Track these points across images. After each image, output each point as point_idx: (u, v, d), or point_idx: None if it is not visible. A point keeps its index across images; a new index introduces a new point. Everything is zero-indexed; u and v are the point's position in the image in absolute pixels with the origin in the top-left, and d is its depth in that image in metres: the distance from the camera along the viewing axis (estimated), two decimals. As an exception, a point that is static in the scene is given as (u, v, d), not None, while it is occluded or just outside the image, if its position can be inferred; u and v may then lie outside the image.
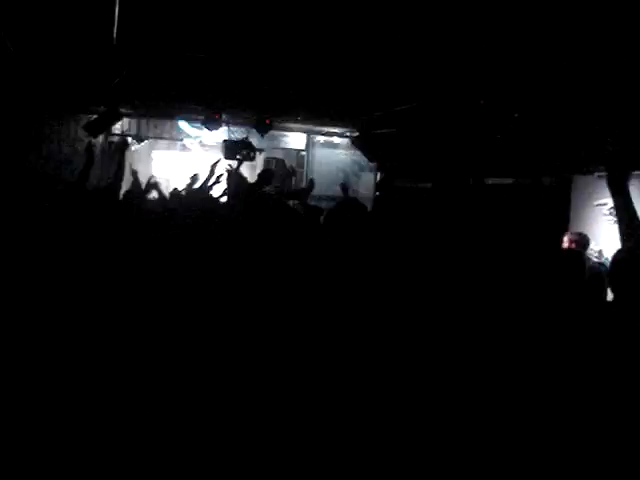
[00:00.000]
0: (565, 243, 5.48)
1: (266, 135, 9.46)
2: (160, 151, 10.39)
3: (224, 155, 8.98)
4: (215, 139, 9.77)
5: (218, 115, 8.74)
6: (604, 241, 5.98)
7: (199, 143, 10.33)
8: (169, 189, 7.20)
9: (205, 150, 10.33)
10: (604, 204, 6.38)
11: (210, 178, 5.99)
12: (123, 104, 8.53)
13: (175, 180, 8.54)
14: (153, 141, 10.18)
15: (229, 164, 6.36)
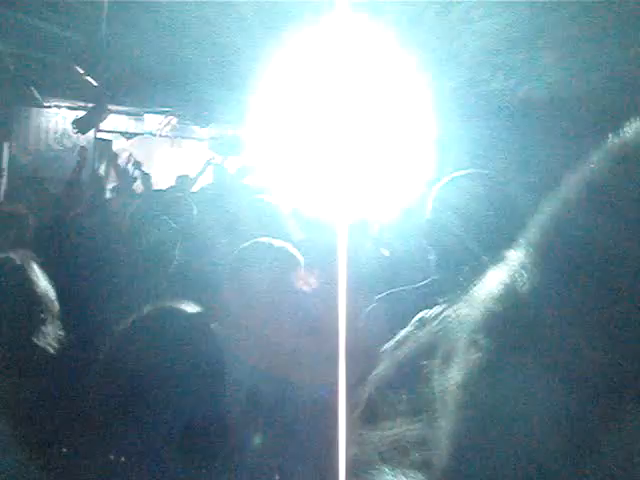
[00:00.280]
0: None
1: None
2: (148, 146, 10.27)
3: (214, 149, 8.94)
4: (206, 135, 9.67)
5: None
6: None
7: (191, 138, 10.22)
8: (156, 185, 7.16)
9: (195, 147, 10.24)
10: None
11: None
12: (111, 99, 8.42)
13: (163, 176, 8.44)
14: (142, 137, 10.08)
15: None
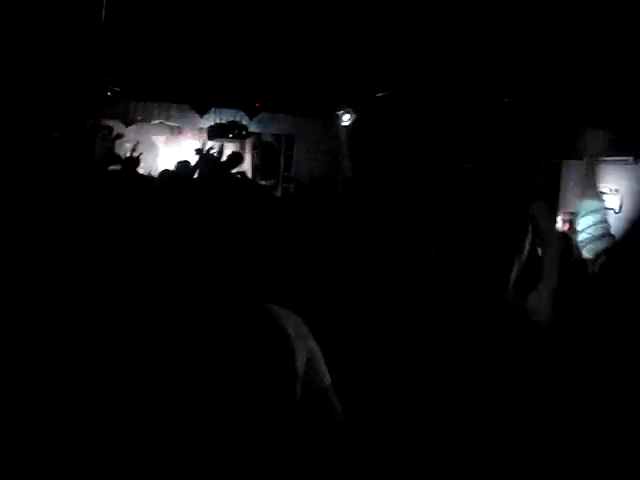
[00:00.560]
0: (559, 223, 5.57)
1: (256, 118, 9.40)
2: (149, 135, 10.26)
3: (216, 136, 8.96)
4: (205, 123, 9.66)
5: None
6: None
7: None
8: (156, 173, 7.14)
9: (195, 134, 10.23)
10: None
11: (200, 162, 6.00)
12: (111, 86, 8.42)
13: (163, 164, 8.47)
14: (141, 124, 10.04)
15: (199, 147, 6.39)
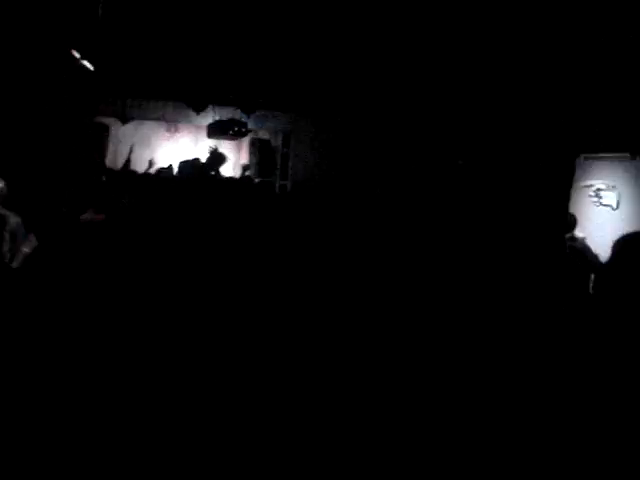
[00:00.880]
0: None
1: (252, 116, 9.38)
2: (145, 132, 10.23)
3: (215, 133, 8.98)
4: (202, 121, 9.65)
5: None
6: (588, 221, 6.07)
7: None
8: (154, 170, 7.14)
9: (191, 131, 10.21)
10: (589, 186, 6.44)
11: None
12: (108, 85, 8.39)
13: (161, 161, 8.44)
14: (138, 122, 10.01)
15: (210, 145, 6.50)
